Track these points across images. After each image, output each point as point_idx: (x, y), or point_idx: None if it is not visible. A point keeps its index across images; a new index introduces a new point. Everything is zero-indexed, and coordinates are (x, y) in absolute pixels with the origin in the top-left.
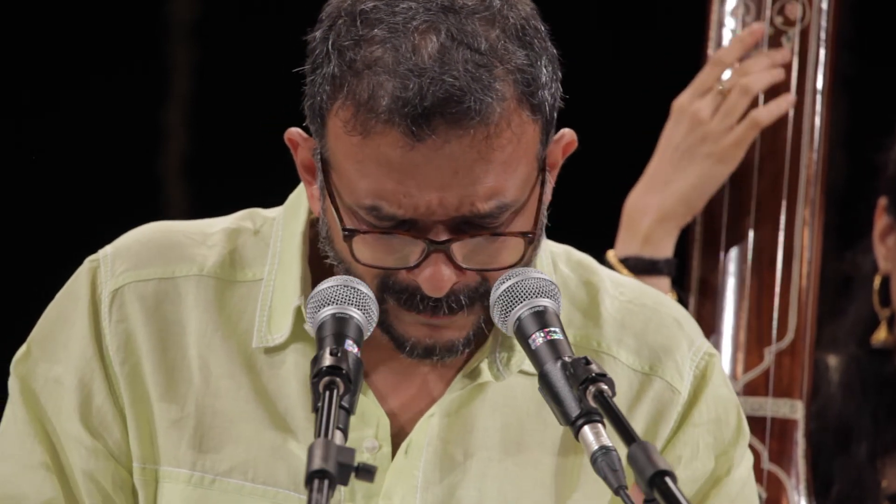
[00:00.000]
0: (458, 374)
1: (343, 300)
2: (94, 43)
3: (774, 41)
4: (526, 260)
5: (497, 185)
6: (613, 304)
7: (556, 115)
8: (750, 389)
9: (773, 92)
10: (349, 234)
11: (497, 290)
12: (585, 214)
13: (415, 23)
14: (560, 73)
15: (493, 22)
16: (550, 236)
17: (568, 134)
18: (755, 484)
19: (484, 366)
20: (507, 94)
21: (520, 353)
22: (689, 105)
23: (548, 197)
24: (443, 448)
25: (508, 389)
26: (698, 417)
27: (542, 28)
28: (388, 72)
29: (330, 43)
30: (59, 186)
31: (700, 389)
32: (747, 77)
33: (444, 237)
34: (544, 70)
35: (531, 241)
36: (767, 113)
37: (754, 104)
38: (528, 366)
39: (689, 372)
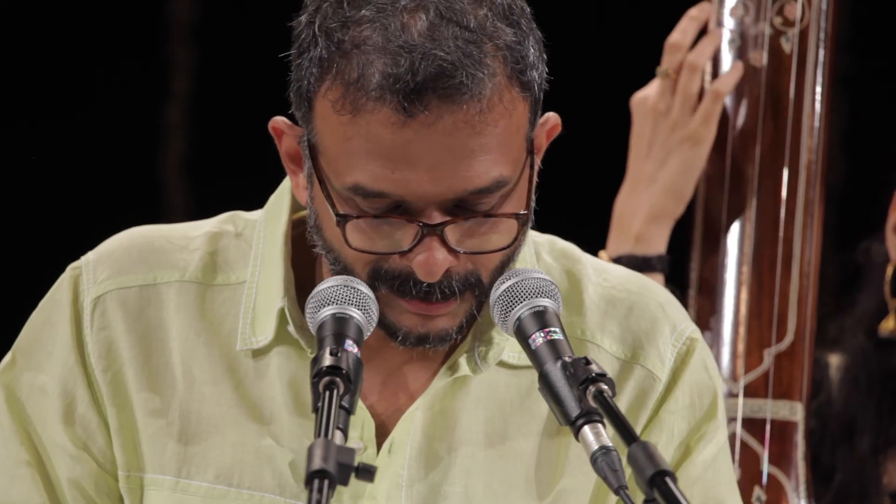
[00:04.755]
0: (439, 370)
1: (343, 300)
2: (94, 43)
3: (774, 41)
4: (518, 243)
5: (491, 161)
6: (597, 292)
7: (541, 96)
8: (749, 391)
9: (772, 92)
10: (342, 220)
11: (497, 290)
12: (579, 213)
13: (403, 2)
14: (545, 55)
15: (480, 1)
16: (542, 232)
17: (553, 117)
18: (727, 470)
19: (462, 360)
20: (498, 71)
21: (497, 345)
22: (645, 99)
23: (535, 180)
24: (426, 444)
25: (491, 383)
26: (674, 404)
27: (528, 9)
28: (377, 50)
29: (316, 26)
30: (59, 186)
31: (678, 375)
32: (690, 54)
33: (437, 220)
34: (531, 49)
35: (524, 222)
36: (725, 83)
37: (754, 106)
38: (507, 357)
39: (670, 358)
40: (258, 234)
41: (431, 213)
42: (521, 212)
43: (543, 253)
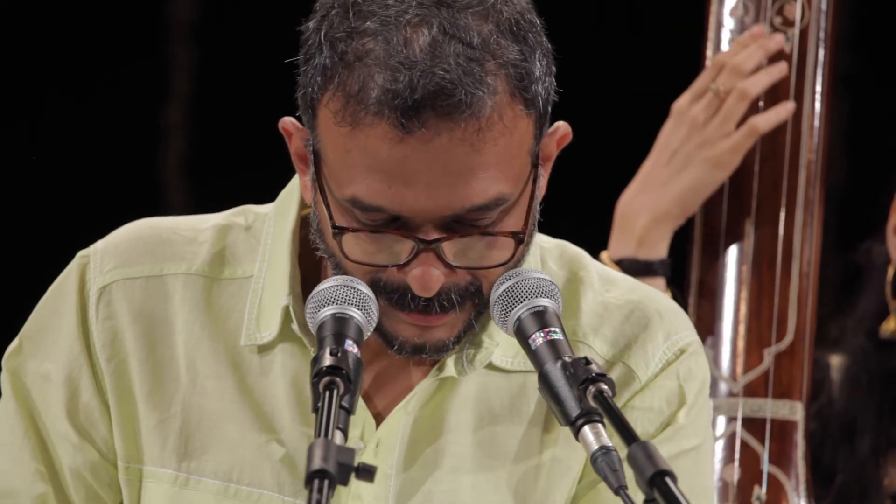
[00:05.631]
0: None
1: (343, 300)
2: (94, 43)
3: None
4: (516, 258)
5: (490, 179)
6: (596, 299)
7: (549, 109)
8: (749, 391)
9: (773, 93)
10: (338, 232)
11: (497, 290)
12: (581, 213)
13: (407, 16)
14: (554, 68)
15: (486, 16)
16: (545, 234)
17: (563, 127)
18: (694, 474)
19: (450, 362)
20: (499, 89)
21: (485, 349)
22: (688, 108)
23: (542, 190)
24: (414, 444)
25: (481, 385)
26: (640, 402)
27: (537, 22)
28: (378, 64)
29: (322, 34)
30: (60, 186)
31: (655, 378)
32: (745, 81)
33: (433, 236)
34: (538, 64)
35: (521, 240)
36: (766, 120)
37: (754, 107)
38: (499, 361)
39: (657, 363)
40: (267, 229)
41: (428, 229)
42: (519, 231)
43: (549, 260)
